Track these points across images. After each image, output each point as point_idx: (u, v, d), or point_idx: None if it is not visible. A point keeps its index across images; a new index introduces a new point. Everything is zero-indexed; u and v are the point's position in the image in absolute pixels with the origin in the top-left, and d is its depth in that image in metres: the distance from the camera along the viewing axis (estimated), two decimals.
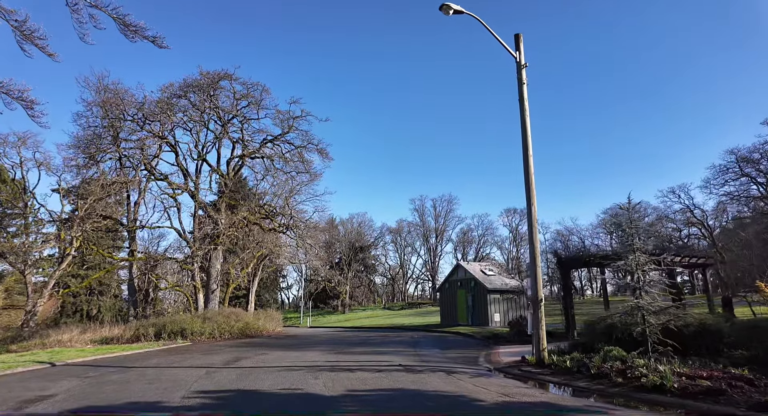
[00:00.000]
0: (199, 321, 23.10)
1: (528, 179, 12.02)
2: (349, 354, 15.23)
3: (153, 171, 25.94)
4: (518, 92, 12.49)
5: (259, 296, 60.30)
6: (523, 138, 12.24)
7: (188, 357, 15.44)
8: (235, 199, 28.47)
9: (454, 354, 15.07)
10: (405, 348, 17.07)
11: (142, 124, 24.73)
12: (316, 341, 22.12)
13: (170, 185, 26.13)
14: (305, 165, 28.35)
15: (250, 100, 26.95)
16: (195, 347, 19.54)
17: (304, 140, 28.32)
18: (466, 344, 18.83)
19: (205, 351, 17.30)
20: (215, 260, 27.44)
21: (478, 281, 27.43)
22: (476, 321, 27.21)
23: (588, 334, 13.20)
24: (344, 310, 61.07)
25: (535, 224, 11.95)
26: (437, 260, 77.37)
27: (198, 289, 30.72)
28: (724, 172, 49.48)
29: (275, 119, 27.75)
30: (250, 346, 19.24)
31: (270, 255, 41.30)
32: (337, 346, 18.31)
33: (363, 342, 20.09)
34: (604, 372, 9.46)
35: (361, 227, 72.09)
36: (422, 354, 15.10)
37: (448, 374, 10.48)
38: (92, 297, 46.79)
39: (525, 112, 12.32)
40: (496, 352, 14.90)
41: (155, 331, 21.98)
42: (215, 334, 23.12)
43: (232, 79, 26.46)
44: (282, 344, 20.20)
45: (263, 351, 16.99)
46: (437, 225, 77.29)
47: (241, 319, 25.33)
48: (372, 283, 74.82)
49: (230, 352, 16.69)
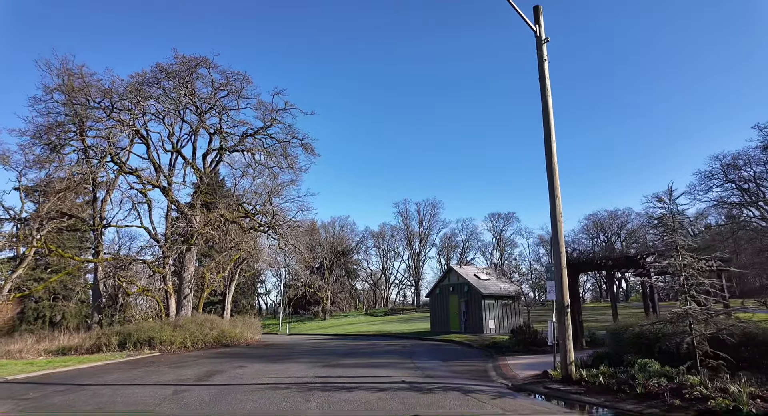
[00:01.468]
0: (169, 329, 20.92)
1: (551, 168, 10.57)
2: (340, 367, 13.46)
3: (122, 165, 23.59)
4: (539, 71, 11.08)
5: (236, 302, 57.67)
6: (544, 122, 10.80)
7: (154, 371, 13.42)
8: (211, 196, 26.36)
9: (459, 367, 13.46)
10: (401, 360, 15.38)
11: (110, 112, 22.47)
12: (299, 351, 20.22)
13: (140, 179, 23.83)
14: (288, 161, 26.41)
15: (230, 90, 24.99)
16: (164, 358, 17.43)
17: (287, 134, 26.49)
18: (466, 354, 17.24)
19: (174, 364, 15.25)
20: (189, 263, 25.24)
21: (472, 286, 25.95)
22: (469, 328, 25.71)
23: (613, 344, 11.77)
24: (325, 316, 58.89)
25: (560, 218, 10.48)
26: (421, 265, 75.99)
27: (170, 294, 28.39)
28: (709, 178, 49.64)
29: (257, 110, 25.85)
30: (226, 357, 17.25)
31: (248, 259, 39.08)
32: (324, 357, 16.48)
33: (352, 352, 18.30)
34: (654, 392, 7.99)
35: (344, 231, 70.17)
36: (423, 366, 13.42)
37: (465, 393, 8.85)
38: (56, 303, 43.55)
39: (547, 92, 10.89)
40: (505, 364, 13.35)
41: (119, 340, 19.73)
42: (187, 343, 20.97)
43: (211, 66, 24.47)
44: (262, 354, 18.25)
45: (241, 363, 15.05)
46: (421, 229, 75.97)
47: (216, 327, 23.21)
48: (353, 289, 72.82)
49: (203, 364, 14.71)
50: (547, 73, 11.01)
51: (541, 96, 10.96)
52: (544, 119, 10.81)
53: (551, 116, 10.79)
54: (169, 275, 28.74)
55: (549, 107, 10.80)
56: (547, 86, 10.93)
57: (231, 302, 46.50)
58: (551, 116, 10.79)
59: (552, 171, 10.54)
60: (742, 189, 48.27)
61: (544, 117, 10.81)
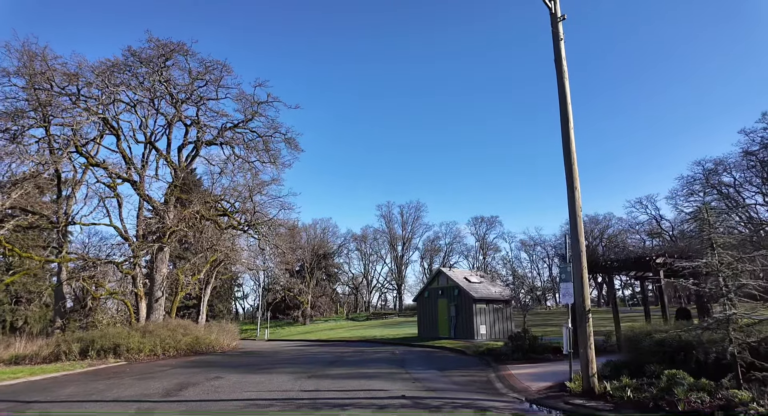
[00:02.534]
0: (137, 335, 19.19)
1: (569, 157, 9.53)
2: (327, 378, 12.12)
3: (89, 157, 21.65)
4: (554, 52, 10.08)
5: (212, 306, 55.44)
6: (561, 106, 9.78)
7: (117, 384, 11.85)
8: (187, 194, 24.64)
9: (459, 377, 12.27)
10: (393, 369, 14.11)
11: (76, 99, 20.61)
12: (281, 359, 18.75)
13: (109, 173, 21.96)
14: (270, 156, 24.88)
15: (208, 79, 23.40)
16: (130, 368, 15.76)
17: (270, 128, 24.99)
18: (462, 362, 16.07)
19: (141, 375, 13.67)
20: (161, 264, 23.46)
21: (462, 290, 24.85)
22: (459, 333, 24.58)
23: (630, 352, 10.75)
24: (305, 321, 57.09)
25: (579, 212, 9.44)
26: (404, 268, 74.85)
27: (140, 297, 26.49)
28: (691, 183, 50.02)
29: (238, 101, 24.27)
30: (200, 366, 15.69)
31: (225, 261, 37.24)
32: (309, 366, 15.09)
33: (339, 361, 16.95)
34: (698, 409, 6.95)
35: (325, 234, 68.60)
36: (419, 377, 12.19)
37: (479, 412, 7.66)
38: (18, 306, 40.83)
39: (563, 73, 9.89)
40: (509, 374, 12.23)
41: (81, 348, 17.94)
42: (157, 351, 19.28)
43: (188, 54, 22.79)
44: (240, 363, 16.73)
45: (217, 373, 13.57)
46: (404, 233, 74.92)
47: (189, 332, 21.55)
48: (334, 293, 71.17)
49: (174, 375, 13.17)
50: (564, 54, 10.02)
51: (558, 79, 9.96)
52: (561, 103, 9.79)
53: (569, 100, 9.78)
54: (140, 277, 26.84)
55: (566, 90, 9.79)
56: (564, 68, 9.93)
57: (206, 306, 44.49)
58: (569, 100, 9.78)
59: (570, 161, 9.51)
60: (723, 194, 48.73)
61: (561, 101, 9.79)
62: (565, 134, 9.62)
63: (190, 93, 23.34)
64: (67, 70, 20.21)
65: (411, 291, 77.31)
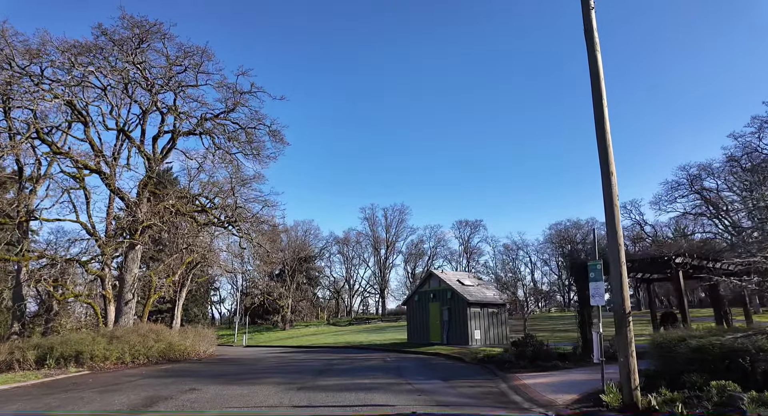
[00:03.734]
0: (103, 341, 17.35)
1: (603, 139, 8.42)
2: (321, 391, 10.70)
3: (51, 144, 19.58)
4: (584, 22, 9.01)
5: (187, 310, 53.02)
6: (593, 82, 8.71)
7: (74, 398, 10.20)
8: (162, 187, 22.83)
9: (467, 388, 11.01)
10: (391, 378, 12.77)
11: (38, 81, 18.67)
12: (264, 367, 17.19)
13: (75, 162, 19.99)
14: (253, 148, 23.21)
15: (187, 65, 21.70)
16: (93, 378, 14.00)
17: (253, 119, 23.38)
18: (463, 370, 14.83)
19: (105, 386, 11.99)
20: (132, 263, 21.57)
21: (456, 293, 23.63)
22: (452, 338, 23.35)
23: (662, 359, 9.67)
24: (285, 326, 55.12)
25: (616, 200, 8.30)
26: (388, 272, 73.48)
27: (109, 300, 24.46)
28: (675, 188, 50.19)
29: (219, 89, 22.57)
30: (173, 376, 14.05)
31: (202, 262, 35.26)
32: (296, 376, 13.61)
33: (328, 369, 15.49)
34: None
35: (307, 236, 66.77)
36: (423, 388, 10.89)
37: None
38: None
39: (595, 46, 8.82)
40: (522, 384, 11.03)
41: (37, 355, 16.04)
42: (126, 359, 17.47)
43: (166, 37, 21.13)
44: (218, 373, 15.12)
45: (192, 384, 11.98)
46: (388, 236, 73.64)
47: (162, 338, 19.75)
48: (315, 297, 69.30)
49: (143, 387, 11.55)
50: (595, 24, 8.95)
51: (588, 52, 8.88)
52: (593, 79, 8.71)
53: (601, 74, 8.70)
54: (109, 278, 24.82)
55: (598, 64, 8.71)
56: (596, 39, 8.85)
57: (181, 310, 42.26)
58: (601, 75, 8.70)
59: (605, 142, 8.39)
60: (707, 200, 48.99)
61: (593, 77, 8.71)
62: (599, 112, 8.53)
63: (168, 79, 21.61)
64: (30, 48, 18.26)
65: (394, 295, 76.04)
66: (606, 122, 8.48)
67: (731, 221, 47.76)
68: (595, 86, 8.65)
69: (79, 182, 20.29)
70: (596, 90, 8.63)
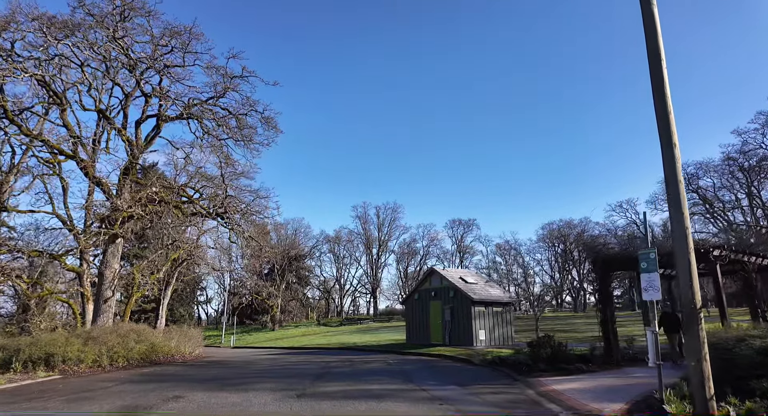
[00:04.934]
0: (78, 343, 15.74)
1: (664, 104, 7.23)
2: (323, 398, 9.35)
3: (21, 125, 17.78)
4: None
5: (172, 310, 51.12)
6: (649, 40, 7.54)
7: (39, 409, 8.73)
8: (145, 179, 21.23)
9: (490, 395, 9.74)
10: (400, 384, 11.47)
11: (8, 55, 16.92)
12: (256, 370, 15.76)
13: (48, 147, 18.28)
14: (243, 135, 21.62)
15: (174, 45, 20.13)
16: (64, 384, 12.44)
17: (245, 105, 21.88)
18: (476, 374, 13.57)
19: (76, 393, 10.49)
20: (112, 258, 19.93)
21: (459, 291, 22.36)
22: (455, 339, 22.10)
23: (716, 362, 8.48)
24: (274, 327, 53.42)
25: (680, 176, 7.08)
26: (380, 271, 72.12)
27: (87, 298, 22.77)
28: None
29: (208, 72, 21.01)
30: (155, 381, 12.58)
31: (188, 260, 33.58)
32: (292, 381, 12.21)
33: (326, 373, 14.12)
34: None
35: (297, 234, 65.12)
36: (440, 395, 9.60)
37: None
38: None
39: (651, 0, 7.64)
40: (551, 390, 9.81)
41: (2, 358, 14.44)
42: (103, 361, 15.87)
43: (151, 14, 19.57)
44: (206, 377, 13.65)
45: (177, 390, 10.54)
46: (380, 235, 72.25)
47: (145, 339, 18.20)
48: (305, 297, 67.62)
49: (120, 395, 10.08)
50: None
51: (642, 7, 7.68)
52: (650, 36, 7.52)
53: (659, 30, 7.51)
54: (87, 274, 23.13)
55: (655, 18, 7.53)
56: None
57: (166, 310, 40.54)
58: (659, 31, 7.51)
59: (666, 109, 7.20)
60: (704, 199, 48.65)
61: (649, 34, 7.53)
62: (657, 77, 7.33)
63: (153, 59, 20.03)
64: None
65: (386, 295, 74.67)
66: (666, 87, 7.28)
67: (728, 219, 47.44)
68: (652, 47, 7.45)
69: (54, 166, 18.63)
70: (654, 49, 7.43)
